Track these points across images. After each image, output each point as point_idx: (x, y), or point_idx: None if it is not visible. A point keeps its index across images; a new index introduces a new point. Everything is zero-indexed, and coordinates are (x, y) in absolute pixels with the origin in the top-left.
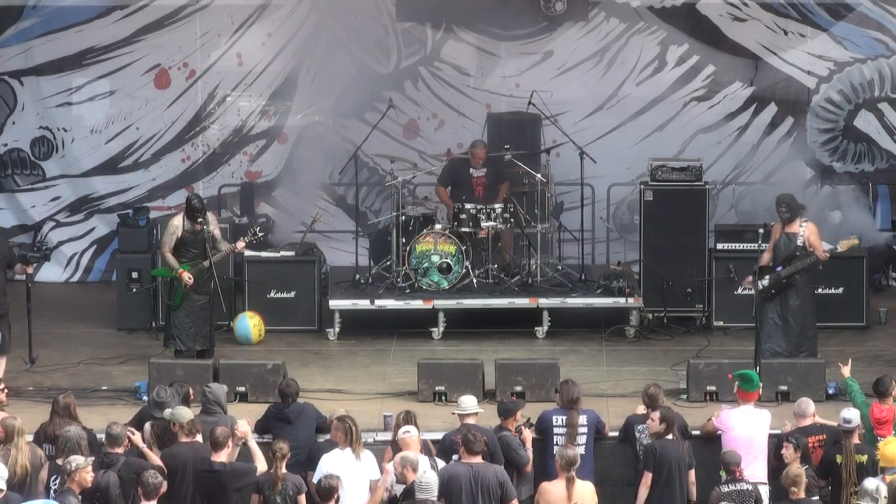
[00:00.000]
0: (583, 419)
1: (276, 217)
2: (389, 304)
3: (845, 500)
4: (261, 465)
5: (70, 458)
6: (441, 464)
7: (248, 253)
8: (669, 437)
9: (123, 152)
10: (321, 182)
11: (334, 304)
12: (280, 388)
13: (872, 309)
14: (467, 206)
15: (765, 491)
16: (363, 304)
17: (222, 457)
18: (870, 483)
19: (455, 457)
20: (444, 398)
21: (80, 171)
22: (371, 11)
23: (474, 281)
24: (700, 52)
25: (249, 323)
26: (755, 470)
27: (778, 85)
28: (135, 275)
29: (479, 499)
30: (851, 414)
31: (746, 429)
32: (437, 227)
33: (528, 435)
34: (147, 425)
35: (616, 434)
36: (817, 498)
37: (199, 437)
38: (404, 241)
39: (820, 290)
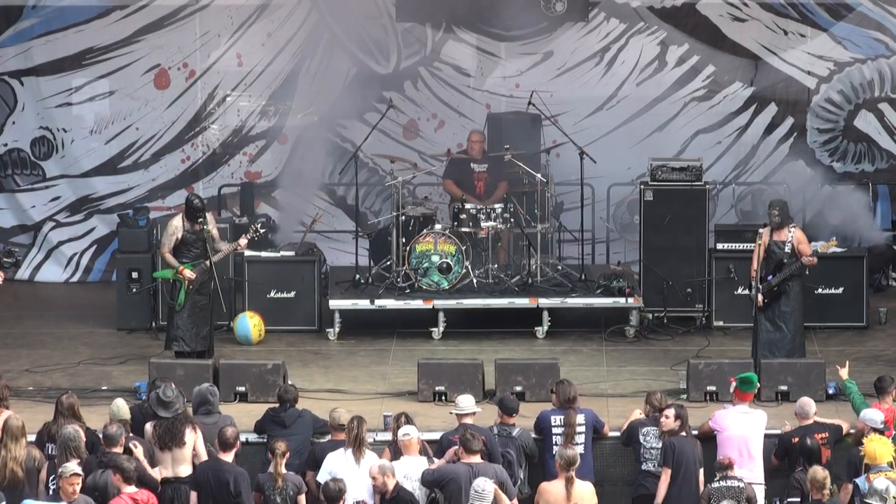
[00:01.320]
0: (581, 419)
1: (276, 217)
2: (389, 304)
3: None
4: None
5: (65, 464)
6: (438, 463)
7: (248, 253)
8: (683, 434)
9: (123, 152)
10: (321, 182)
11: (334, 304)
12: (278, 392)
13: (872, 309)
14: (467, 206)
15: (760, 491)
16: (363, 304)
17: (230, 457)
18: (879, 483)
19: (440, 459)
20: (444, 398)
21: (79, 171)
22: (371, 11)
23: (474, 281)
24: (700, 52)
25: (249, 323)
26: (751, 469)
27: (778, 85)
28: (135, 275)
29: None
30: (878, 414)
31: (741, 428)
32: (437, 227)
33: None
34: (148, 425)
35: (615, 434)
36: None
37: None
38: (404, 241)
39: (820, 290)
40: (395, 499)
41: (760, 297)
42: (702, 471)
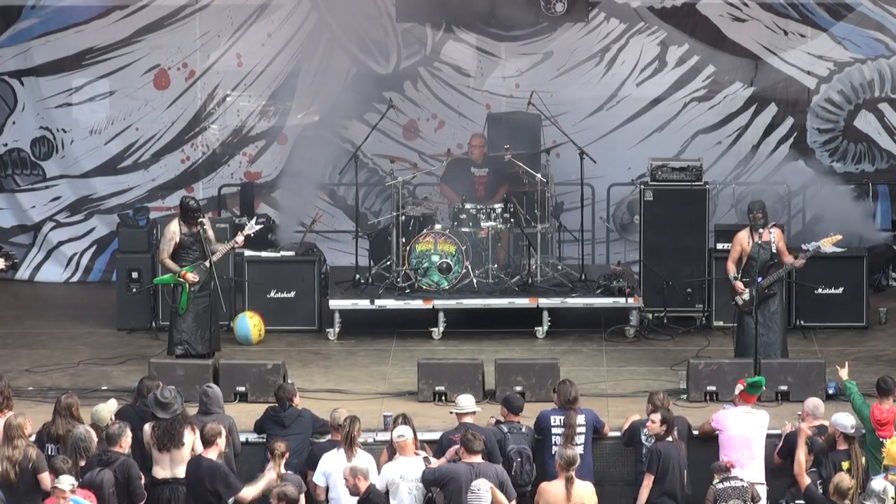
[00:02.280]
0: (581, 419)
1: (276, 217)
2: (389, 304)
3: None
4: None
5: (60, 477)
6: (435, 463)
7: (248, 253)
8: (669, 439)
9: (123, 153)
10: (321, 182)
11: (334, 304)
12: (276, 391)
13: (872, 309)
14: (467, 206)
15: (763, 491)
16: (363, 304)
17: (212, 453)
18: (877, 483)
19: (439, 459)
20: (444, 398)
21: (80, 171)
22: (371, 12)
23: (474, 281)
24: (700, 52)
25: (249, 323)
26: (753, 469)
27: (778, 85)
28: (135, 275)
29: None
30: (849, 419)
31: (742, 428)
32: (437, 227)
33: None
34: (147, 426)
35: (616, 434)
36: None
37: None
38: (404, 241)
39: (820, 290)
40: (366, 500)
41: (741, 289)
42: (685, 472)
